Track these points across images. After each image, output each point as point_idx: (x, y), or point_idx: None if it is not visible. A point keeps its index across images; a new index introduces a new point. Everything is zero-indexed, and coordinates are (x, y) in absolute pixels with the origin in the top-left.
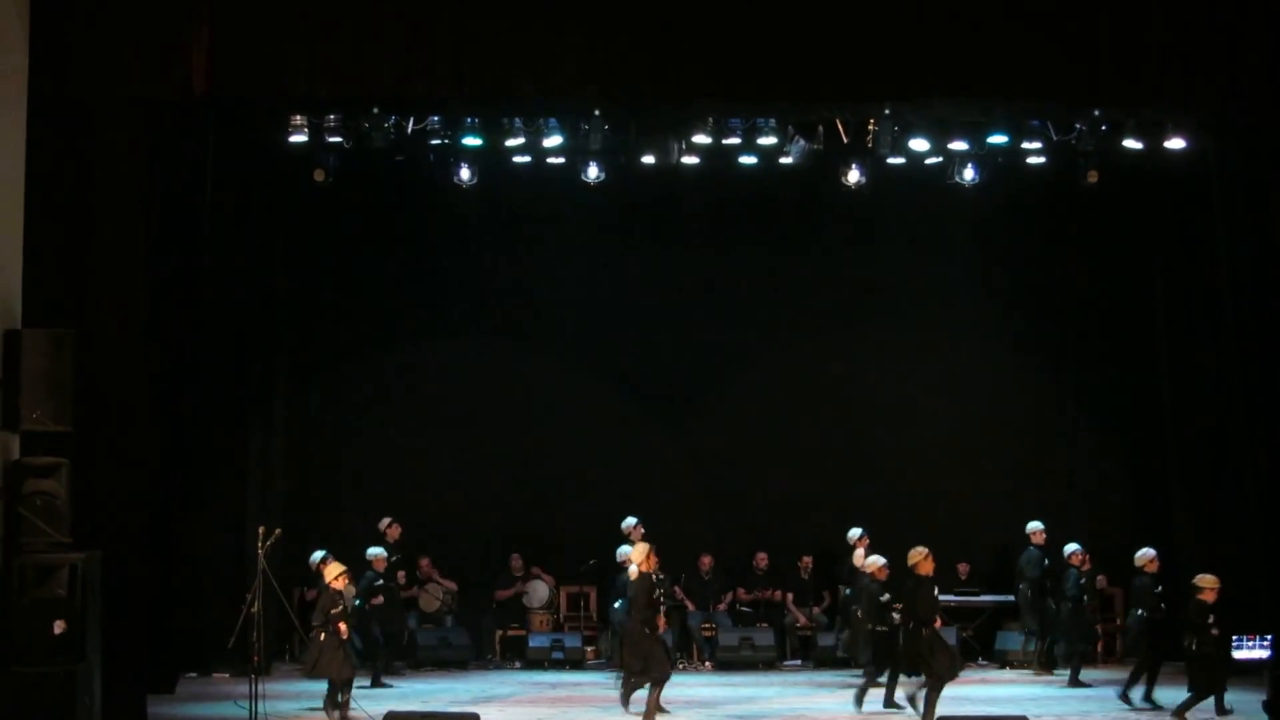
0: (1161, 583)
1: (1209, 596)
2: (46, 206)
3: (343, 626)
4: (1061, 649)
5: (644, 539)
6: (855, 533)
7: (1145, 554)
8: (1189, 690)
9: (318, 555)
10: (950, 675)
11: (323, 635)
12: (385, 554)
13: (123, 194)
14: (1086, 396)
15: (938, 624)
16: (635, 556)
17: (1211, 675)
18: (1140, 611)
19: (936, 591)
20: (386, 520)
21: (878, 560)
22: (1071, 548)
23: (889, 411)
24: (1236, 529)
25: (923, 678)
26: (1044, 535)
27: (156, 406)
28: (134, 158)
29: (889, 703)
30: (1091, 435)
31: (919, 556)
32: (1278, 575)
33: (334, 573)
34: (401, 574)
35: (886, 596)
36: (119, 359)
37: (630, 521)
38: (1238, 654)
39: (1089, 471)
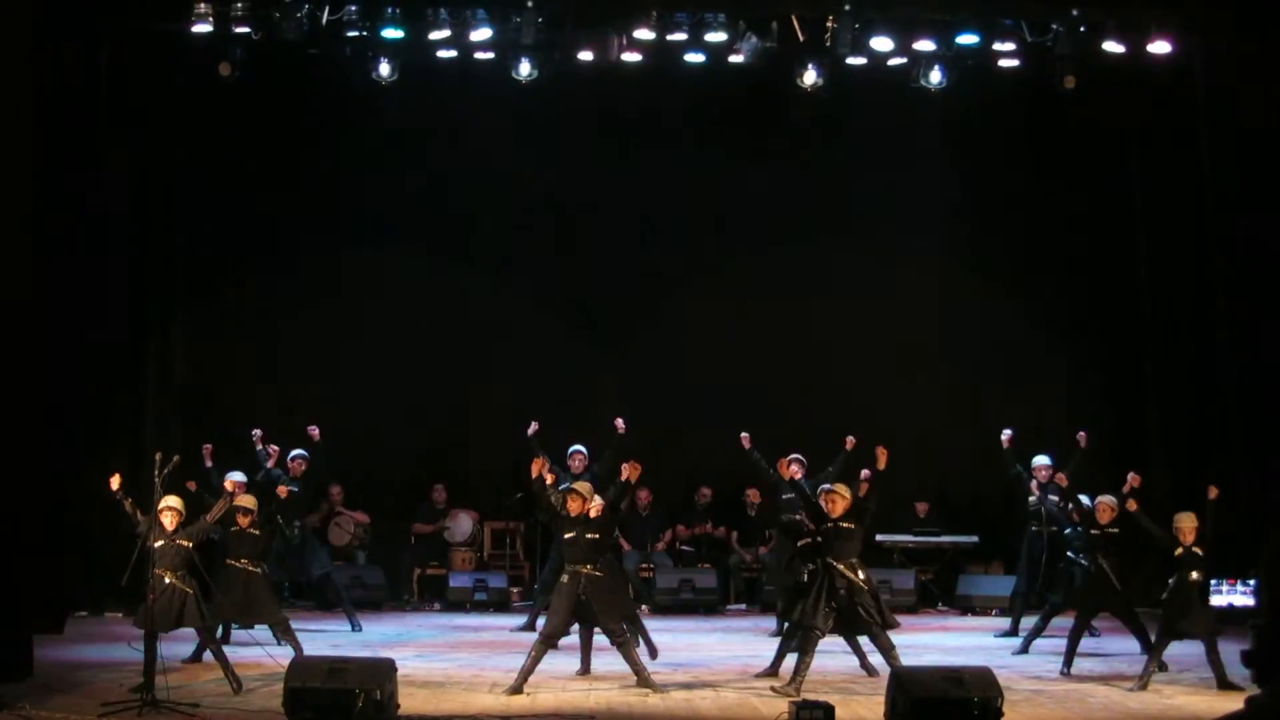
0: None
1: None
2: None
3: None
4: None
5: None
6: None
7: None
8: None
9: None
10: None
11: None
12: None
13: (7, 94)
14: (1060, 314)
15: None
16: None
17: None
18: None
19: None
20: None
21: None
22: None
23: (843, 334)
24: (1217, 464)
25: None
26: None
27: (46, 327)
28: (19, 50)
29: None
30: (1065, 356)
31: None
32: (1259, 515)
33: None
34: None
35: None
36: (5, 278)
37: (574, 449)
38: (1216, 600)
39: (1062, 398)
